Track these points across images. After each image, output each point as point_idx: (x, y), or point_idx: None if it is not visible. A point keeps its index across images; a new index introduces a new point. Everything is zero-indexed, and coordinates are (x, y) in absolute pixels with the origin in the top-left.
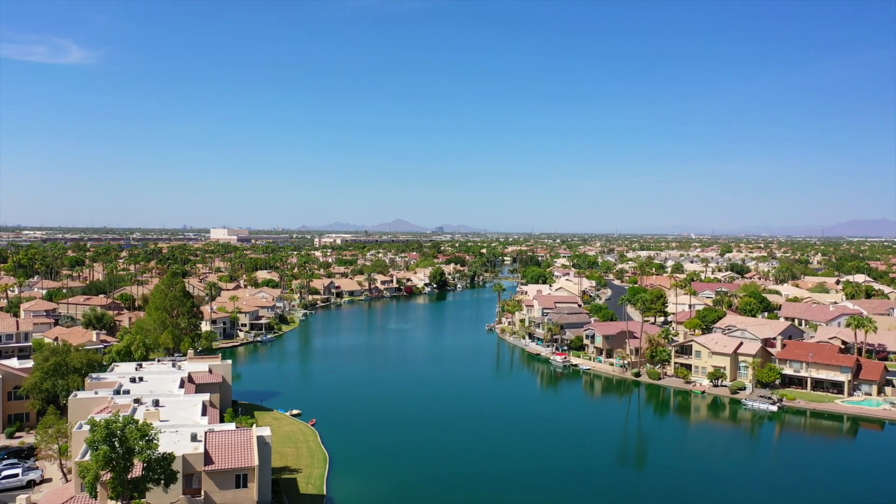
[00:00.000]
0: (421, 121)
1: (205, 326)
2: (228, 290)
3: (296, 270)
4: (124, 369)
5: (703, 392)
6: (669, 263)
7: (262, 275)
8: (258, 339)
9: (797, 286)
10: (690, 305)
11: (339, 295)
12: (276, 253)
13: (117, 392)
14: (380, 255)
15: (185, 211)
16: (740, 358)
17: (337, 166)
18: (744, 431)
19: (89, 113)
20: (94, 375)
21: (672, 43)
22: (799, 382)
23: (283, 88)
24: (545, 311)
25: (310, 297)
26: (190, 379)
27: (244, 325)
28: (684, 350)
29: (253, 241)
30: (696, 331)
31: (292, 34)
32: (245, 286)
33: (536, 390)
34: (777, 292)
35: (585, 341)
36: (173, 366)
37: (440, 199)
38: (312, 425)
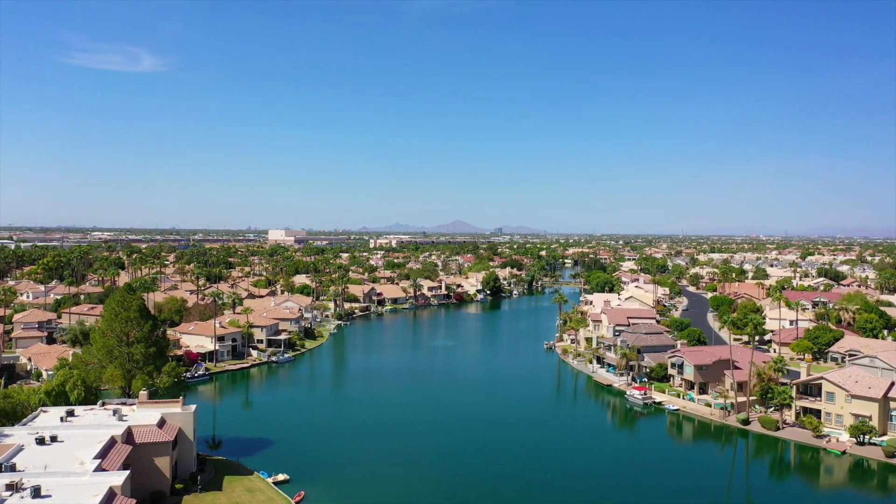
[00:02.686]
0: (481, 122)
1: (209, 344)
2: (261, 296)
3: (334, 275)
4: (48, 419)
5: (844, 452)
6: (748, 267)
7: (300, 279)
8: (272, 358)
9: None
10: (794, 322)
11: (381, 303)
12: (322, 255)
13: None
14: (433, 257)
15: (252, 212)
16: (892, 404)
17: (397, 168)
18: None
19: (160, 118)
20: None
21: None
22: None
23: (345, 91)
24: (616, 328)
25: (347, 306)
26: (129, 437)
27: (260, 340)
28: (808, 390)
29: (310, 241)
30: (807, 355)
31: (355, 38)
32: (281, 292)
33: (609, 437)
34: (890, 304)
35: (671, 371)
36: (114, 414)
37: (500, 199)
38: (297, 503)
